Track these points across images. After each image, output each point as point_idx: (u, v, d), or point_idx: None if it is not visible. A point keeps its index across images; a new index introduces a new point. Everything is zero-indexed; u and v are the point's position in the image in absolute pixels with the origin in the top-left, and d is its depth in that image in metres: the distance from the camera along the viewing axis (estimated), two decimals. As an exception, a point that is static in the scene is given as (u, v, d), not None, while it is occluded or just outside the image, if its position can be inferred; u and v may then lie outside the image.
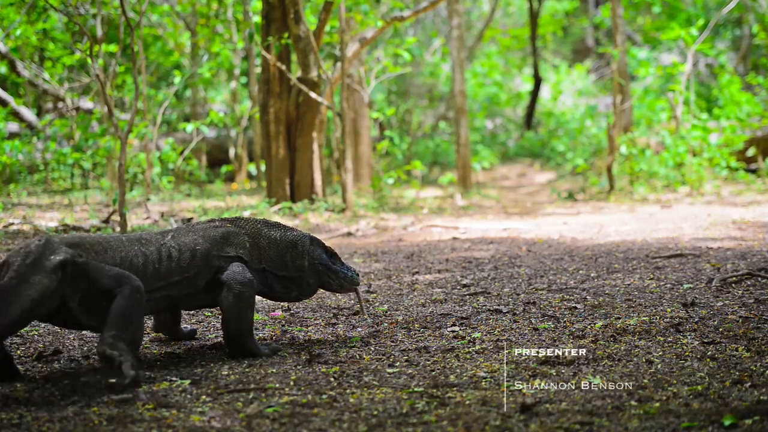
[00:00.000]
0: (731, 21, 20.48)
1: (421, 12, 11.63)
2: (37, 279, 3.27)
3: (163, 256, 3.71)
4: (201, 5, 14.70)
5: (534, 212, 11.31)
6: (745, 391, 3.07)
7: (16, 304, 3.19)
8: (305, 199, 10.72)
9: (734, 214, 9.40)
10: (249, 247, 3.96)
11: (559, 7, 24.11)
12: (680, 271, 5.67)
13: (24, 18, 13.10)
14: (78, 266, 3.39)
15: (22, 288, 3.23)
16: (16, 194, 11.94)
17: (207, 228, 3.94)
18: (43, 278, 3.28)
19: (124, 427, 2.85)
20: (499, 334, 4.09)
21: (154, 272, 3.66)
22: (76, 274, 3.38)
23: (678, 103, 13.39)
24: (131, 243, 3.68)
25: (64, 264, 3.35)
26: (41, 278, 3.28)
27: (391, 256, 7.10)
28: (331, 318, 4.57)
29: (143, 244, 3.71)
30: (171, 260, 3.72)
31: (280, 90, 10.69)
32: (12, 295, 3.20)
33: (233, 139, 15.62)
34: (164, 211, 10.10)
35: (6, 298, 3.18)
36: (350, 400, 3.12)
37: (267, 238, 4.03)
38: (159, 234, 3.83)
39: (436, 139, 20.13)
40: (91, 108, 14.78)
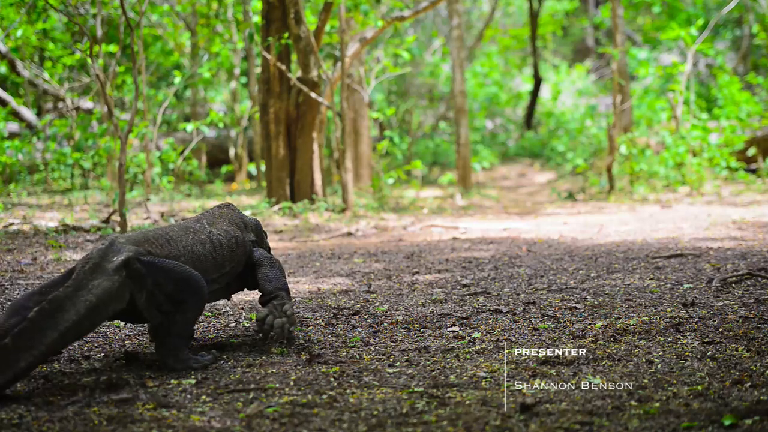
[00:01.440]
0: (731, 21, 20.48)
1: (421, 12, 11.63)
2: (96, 283, 3.32)
3: (216, 245, 3.87)
4: (201, 5, 14.70)
5: (534, 212, 11.31)
6: (745, 391, 3.07)
7: (72, 310, 3.22)
8: (305, 199, 10.72)
9: (734, 214, 9.40)
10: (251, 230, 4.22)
11: (559, 7, 24.10)
12: (680, 271, 5.68)
13: (24, 18, 13.10)
14: (143, 264, 3.48)
15: (79, 294, 3.27)
16: (16, 194, 11.95)
17: (229, 215, 4.12)
18: (103, 281, 3.34)
19: (124, 427, 2.85)
20: (499, 334, 4.09)
21: (213, 262, 3.84)
22: (141, 273, 3.46)
23: (678, 103, 13.39)
24: (186, 232, 3.82)
25: (127, 263, 3.42)
26: (101, 282, 3.33)
27: (391, 256, 7.10)
28: (331, 318, 4.57)
29: (194, 233, 3.85)
30: (223, 248, 3.89)
31: (280, 90, 10.69)
32: (67, 302, 3.23)
33: (233, 139, 15.62)
34: (164, 211, 10.10)
35: (62, 306, 3.21)
36: (350, 400, 3.12)
37: (244, 221, 4.22)
38: (196, 222, 3.95)
39: (436, 139, 20.13)
40: (91, 108, 14.79)
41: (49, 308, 3.19)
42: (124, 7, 8.44)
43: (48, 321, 3.17)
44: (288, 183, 10.81)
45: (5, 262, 6.52)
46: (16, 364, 3.09)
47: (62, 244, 7.51)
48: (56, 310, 3.20)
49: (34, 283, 5.64)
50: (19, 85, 15.24)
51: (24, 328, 3.13)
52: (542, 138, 21.30)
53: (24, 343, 3.11)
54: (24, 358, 3.10)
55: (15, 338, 3.11)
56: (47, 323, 3.16)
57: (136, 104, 8.29)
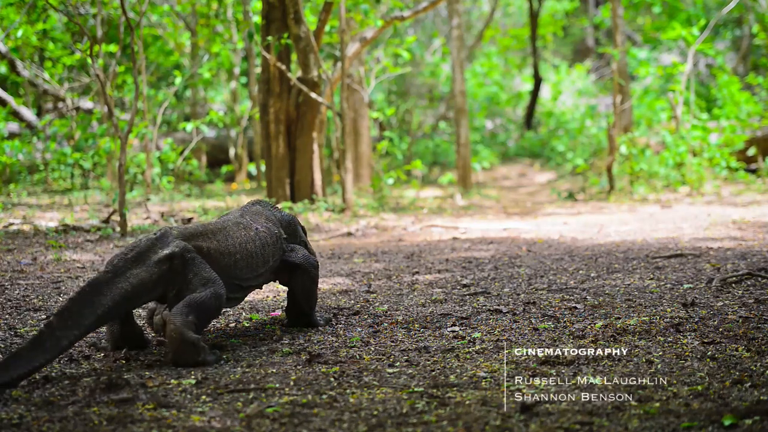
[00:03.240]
0: (731, 21, 20.48)
1: (421, 12, 11.63)
2: (134, 272, 3.54)
3: (264, 241, 4.08)
4: (201, 5, 14.69)
5: (534, 212, 11.31)
6: (745, 391, 3.07)
7: (108, 295, 3.45)
8: (305, 199, 10.72)
9: (734, 214, 9.40)
10: (283, 227, 4.38)
11: (559, 7, 24.10)
12: (680, 271, 5.68)
13: (24, 18, 13.10)
14: (185, 261, 3.66)
15: (116, 281, 3.49)
16: (16, 194, 11.95)
17: (262, 211, 4.30)
18: (141, 272, 3.55)
19: (124, 427, 2.85)
20: (499, 334, 4.09)
21: (262, 258, 4.05)
22: (179, 269, 3.65)
23: (678, 103, 13.39)
24: (238, 228, 4.01)
25: (171, 257, 3.62)
26: (139, 272, 3.55)
27: (391, 256, 7.10)
28: (331, 318, 4.57)
29: (243, 228, 4.03)
30: (268, 246, 4.10)
31: (280, 90, 10.69)
32: (105, 288, 3.46)
33: (233, 139, 15.62)
34: (164, 211, 10.10)
35: (99, 290, 3.44)
36: (350, 400, 3.12)
37: (277, 218, 4.38)
38: (240, 217, 4.14)
39: (436, 139, 20.12)
40: (91, 108, 14.79)
41: (89, 291, 3.42)
42: (124, 7, 8.44)
43: (87, 303, 3.39)
44: (288, 183, 10.81)
45: (5, 262, 6.52)
46: (60, 342, 3.29)
47: (62, 244, 7.51)
48: (94, 294, 3.42)
49: (34, 283, 5.64)
50: (19, 85, 15.24)
51: (66, 307, 3.34)
52: (542, 138, 21.30)
53: (65, 323, 3.31)
54: (66, 336, 3.30)
55: (58, 317, 3.31)
56: (86, 305, 3.39)
57: (136, 104, 8.29)
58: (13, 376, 3.17)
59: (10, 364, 3.18)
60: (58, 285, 5.58)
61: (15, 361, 3.19)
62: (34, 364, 3.22)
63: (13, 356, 3.20)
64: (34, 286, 5.53)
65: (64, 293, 5.29)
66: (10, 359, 3.19)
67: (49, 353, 3.25)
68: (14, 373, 3.17)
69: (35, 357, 3.22)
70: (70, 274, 6.05)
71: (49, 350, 3.25)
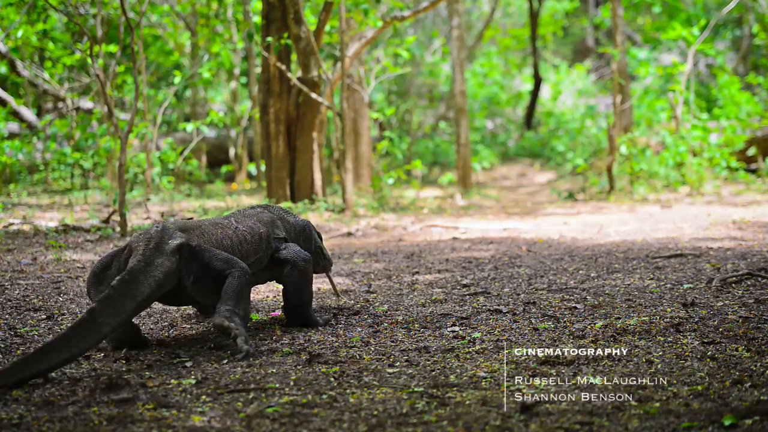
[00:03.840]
0: (731, 21, 20.48)
1: (421, 12, 11.63)
2: (160, 261, 3.68)
3: (241, 239, 4.18)
4: (201, 5, 14.69)
5: (534, 212, 11.31)
6: (745, 391, 3.07)
7: (145, 283, 3.59)
8: (305, 199, 10.72)
9: (734, 214, 9.40)
10: (285, 230, 4.51)
11: (559, 7, 24.10)
12: (680, 271, 5.67)
13: (24, 18, 13.10)
14: (192, 249, 3.83)
15: (149, 270, 3.63)
16: (16, 194, 11.95)
17: (256, 213, 4.45)
18: (165, 261, 3.69)
19: (124, 427, 2.85)
20: (499, 334, 4.09)
21: (239, 254, 4.12)
22: (190, 257, 3.81)
23: (678, 103, 13.39)
24: (215, 227, 4.15)
25: (180, 247, 3.77)
26: (163, 261, 3.69)
27: (391, 256, 7.10)
28: (331, 318, 4.57)
29: (222, 228, 4.17)
30: (247, 242, 4.20)
31: (280, 90, 10.69)
32: (141, 276, 3.59)
33: (233, 139, 15.62)
34: (164, 211, 10.10)
35: (137, 279, 3.57)
36: (350, 400, 3.12)
37: (288, 223, 4.57)
38: (224, 219, 4.29)
39: (436, 139, 20.12)
40: (91, 108, 14.78)
41: (128, 279, 3.55)
42: (124, 7, 8.44)
43: (126, 291, 3.52)
44: (288, 183, 10.81)
45: (5, 262, 6.52)
46: (102, 329, 3.40)
47: (62, 244, 7.51)
48: (132, 282, 3.56)
49: (34, 283, 5.64)
50: (19, 85, 15.24)
51: (109, 294, 3.46)
52: (542, 138, 21.30)
53: (108, 310, 3.43)
54: (108, 323, 3.42)
55: (101, 304, 3.42)
56: (126, 293, 3.52)
57: (136, 104, 8.29)
58: (52, 363, 3.25)
59: (50, 350, 3.25)
60: (58, 285, 5.58)
61: (55, 347, 3.26)
62: (73, 350, 3.30)
63: (54, 342, 3.27)
64: (34, 286, 5.53)
65: (64, 293, 5.29)
66: (51, 345, 3.26)
67: (91, 339, 3.36)
68: (53, 360, 3.25)
69: (76, 343, 3.31)
70: (70, 274, 6.05)
71: (90, 336, 3.35)
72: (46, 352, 3.25)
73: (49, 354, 3.25)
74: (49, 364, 3.25)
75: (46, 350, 3.25)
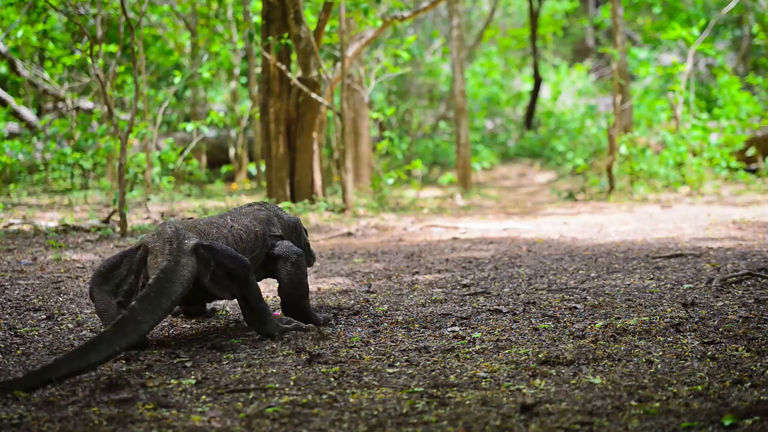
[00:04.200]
0: (731, 21, 20.48)
1: (421, 12, 11.63)
2: (185, 261, 3.76)
3: (236, 237, 4.24)
4: (201, 5, 14.70)
5: (534, 212, 11.31)
6: (745, 391, 3.07)
7: (177, 282, 3.67)
8: (305, 199, 10.72)
9: (734, 214, 9.40)
10: (281, 226, 4.58)
11: (559, 7, 24.10)
12: (680, 271, 5.67)
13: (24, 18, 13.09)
14: (206, 248, 3.90)
15: (178, 269, 3.70)
16: (16, 194, 11.95)
17: (253, 211, 4.51)
18: (189, 260, 3.77)
19: (124, 427, 2.85)
20: (499, 334, 4.09)
21: (234, 251, 4.16)
22: (206, 255, 3.88)
23: (678, 103, 13.39)
24: (210, 226, 4.19)
25: (197, 247, 3.85)
26: (188, 260, 3.77)
27: (391, 256, 7.10)
28: (331, 318, 4.56)
29: (218, 227, 4.23)
30: (243, 241, 4.26)
31: (280, 90, 10.69)
32: (173, 275, 3.67)
33: (233, 139, 15.62)
34: (164, 211, 10.10)
35: (171, 278, 3.65)
36: (350, 400, 3.12)
37: (283, 219, 4.63)
38: (220, 218, 4.35)
39: (436, 139, 20.12)
40: (91, 108, 14.78)
41: (163, 278, 3.62)
42: (124, 7, 8.44)
43: (163, 290, 3.60)
44: (288, 183, 10.81)
45: (5, 262, 6.52)
46: (141, 327, 3.46)
47: (62, 244, 7.51)
48: (167, 281, 3.63)
49: (34, 283, 5.64)
50: (19, 85, 15.24)
51: (146, 293, 3.53)
52: (542, 138, 21.30)
53: (146, 307, 3.50)
54: (147, 321, 3.48)
55: (140, 303, 3.49)
56: (162, 292, 3.59)
57: (136, 104, 8.29)
58: (92, 361, 3.30)
59: (93, 348, 3.30)
60: (58, 285, 5.58)
61: (98, 345, 3.32)
62: (115, 348, 3.36)
63: (96, 341, 3.32)
64: (34, 286, 5.53)
65: (64, 293, 5.29)
66: (93, 343, 3.31)
67: (131, 337, 3.41)
68: (96, 358, 3.30)
69: (117, 341, 3.37)
70: (70, 274, 6.05)
71: (130, 335, 3.41)
72: (89, 350, 3.30)
73: (92, 352, 3.30)
74: (89, 362, 3.29)
75: (89, 348, 3.30)
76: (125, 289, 3.94)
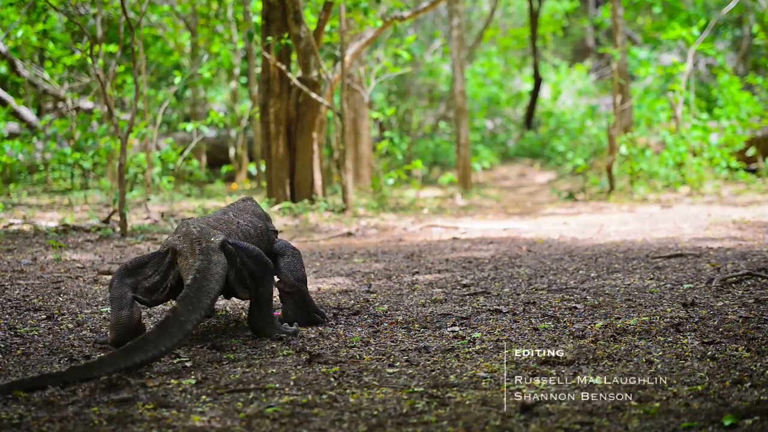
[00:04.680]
0: (731, 21, 20.47)
1: (421, 12, 11.63)
2: (216, 259, 3.81)
3: (246, 234, 4.28)
4: (201, 5, 14.69)
5: (534, 212, 11.31)
6: (745, 391, 3.07)
7: (213, 280, 3.72)
8: (305, 199, 10.72)
9: (734, 214, 9.40)
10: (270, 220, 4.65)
11: (559, 7, 24.09)
12: (680, 271, 5.67)
13: (24, 18, 13.09)
14: (232, 245, 3.98)
15: (211, 267, 3.75)
16: (16, 194, 11.94)
17: (247, 206, 4.58)
18: (219, 258, 3.82)
19: (124, 427, 2.85)
20: (499, 334, 4.09)
21: None
22: (233, 253, 3.95)
23: (678, 103, 13.38)
24: (218, 222, 4.22)
25: (223, 244, 3.91)
26: (218, 258, 3.82)
27: (391, 256, 7.10)
28: (331, 318, 4.57)
29: (227, 223, 4.26)
30: (251, 237, 4.31)
31: (280, 90, 10.69)
32: (208, 274, 3.72)
33: (233, 139, 15.62)
34: (164, 211, 10.10)
35: (207, 277, 3.70)
36: (350, 400, 3.12)
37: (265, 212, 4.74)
38: (223, 214, 4.37)
39: (436, 139, 20.12)
40: (91, 108, 14.78)
41: (200, 278, 3.67)
42: (124, 7, 8.44)
43: (201, 289, 3.64)
44: (288, 183, 10.81)
45: (5, 262, 6.52)
46: (185, 326, 3.50)
47: (62, 244, 7.51)
48: (204, 280, 3.68)
49: (34, 283, 5.64)
50: (19, 85, 15.23)
51: (186, 294, 3.57)
52: (542, 138, 21.29)
53: (188, 308, 3.55)
54: (190, 321, 3.52)
55: (181, 303, 3.53)
56: (201, 291, 3.64)
57: (136, 104, 8.29)
58: (136, 361, 3.35)
59: (138, 348, 3.36)
60: (58, 285, 5.58)
61: (143, 346, 3.37)
62: (160, 348, 3.41)
63: (141, 341, 3.37)
64: (34, 286, 5.53)
65: (64, 293, 5.29)
66: (138, 344, 3.37)
67: (176, 337, 3.46)
68: (140, 358, 3.36)
69: (162, 341, 3.42)
70: (70, 274, 6.05)
71: (175, 334, 3.46)
72: (135, 349, 3.35)
73: (138, 351, 3.36)
74: (134, 362, 3.35)
75: (135, 348, 3.35)
76: (146, 286, 3.97)
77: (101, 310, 4.80)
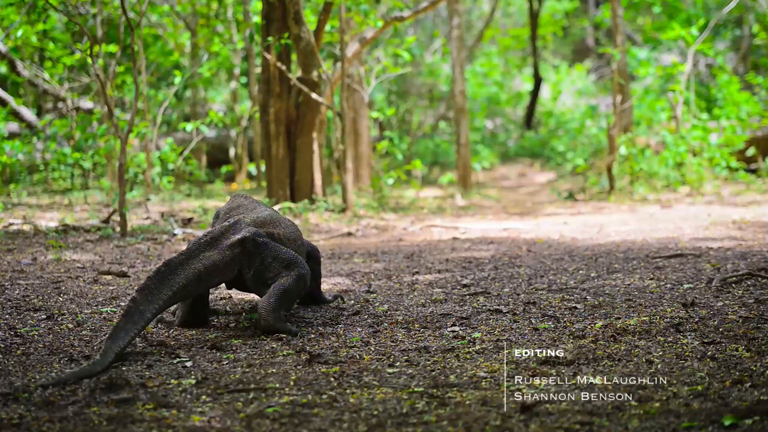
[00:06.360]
0: (731, 21, 20.47)
1: (421, 12, 11.63)
2: (207, 255, 4.01)
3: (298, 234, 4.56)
4: (201, 5, 14.70)
5: (534, 212, 11.31)
6: (745, 391, 3.07)
7: (182, 275, 3.88)
8: (305, 199, 10.72)
9: (734, 214, 9.40)
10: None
11: (559, 7, 24.10)
12: (680, 271, 5.67)
13: (24, 18, 13.09)
14: (257, 244, 4.14)
15: (190, 262, 3.94)
16: (16, 194, 11.94)
17: (251, 205, 4.71)
18: (213, 254, 4.01)
19: (124, 427, 2.85)
20: (499, 334, 4.09)
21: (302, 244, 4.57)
22: (252, 251, 4.12)
23: (678, 103, 13.39)
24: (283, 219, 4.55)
25: (243, 241, 4.09)
26: (212, 254, 4.01)
27: (391, 256, 7.10)
28: (331, 318, 4.57)
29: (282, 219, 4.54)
30: (302, 237, 4.54)
31: (280, 90, 10.69)
32: (179, 268, 3.90)
33: (233, 139, 15.62)
34: (164, 211, 10.10)
35: (174, 270, 3.88)
36: (350, 400, 3.12)
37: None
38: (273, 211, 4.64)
39: (436, 139, 20.12)
40: (91, 108, 14.78)
41: (164, 270, 3.85)
42: (124, 7, 8.44)
43: (163, 281, 3.84)
44: (288, 183, 10.80)
45: (5, 262, 6.52)
46: (144, 316, 3.70)
47: (62, 244, 7.51)
48: (169, 273, 3.87)
49: (34, 283, 5.64)
50: (19, 85, 15.23)
51: (145, 285, 3.77)
52: (542, 138, 21.30)
53: (146, 298, 3.75)
54: (149, 310, 3.73)
55: (140, 293, 3.74)
56: (163, 283, 3.83)
57: (136, 104, 8.29)
58: (121, 346, 3.57)
59: (116, 336, 3.58)
60: (58, 285, 5.57)
61: (118, 333, 3.59)
62: (131, 334, 3.63)
63: (116, 330, 3.60)
64: (34, 286, 5.53)
65: (64, 293, 5.29)
66: (115, 332, 3.59)
67: (138, 324, 3.67)
68: (121, 343, 3.57)
69: (130, 328, 3.64)
70: (70, 274, 6.05)
71: (137, 321, 3.67)
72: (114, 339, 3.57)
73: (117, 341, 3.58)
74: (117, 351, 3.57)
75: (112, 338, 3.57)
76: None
77: (101, 310, 4.80)
